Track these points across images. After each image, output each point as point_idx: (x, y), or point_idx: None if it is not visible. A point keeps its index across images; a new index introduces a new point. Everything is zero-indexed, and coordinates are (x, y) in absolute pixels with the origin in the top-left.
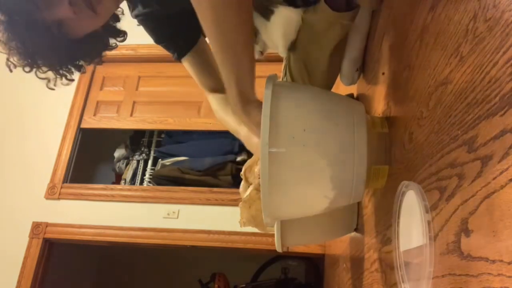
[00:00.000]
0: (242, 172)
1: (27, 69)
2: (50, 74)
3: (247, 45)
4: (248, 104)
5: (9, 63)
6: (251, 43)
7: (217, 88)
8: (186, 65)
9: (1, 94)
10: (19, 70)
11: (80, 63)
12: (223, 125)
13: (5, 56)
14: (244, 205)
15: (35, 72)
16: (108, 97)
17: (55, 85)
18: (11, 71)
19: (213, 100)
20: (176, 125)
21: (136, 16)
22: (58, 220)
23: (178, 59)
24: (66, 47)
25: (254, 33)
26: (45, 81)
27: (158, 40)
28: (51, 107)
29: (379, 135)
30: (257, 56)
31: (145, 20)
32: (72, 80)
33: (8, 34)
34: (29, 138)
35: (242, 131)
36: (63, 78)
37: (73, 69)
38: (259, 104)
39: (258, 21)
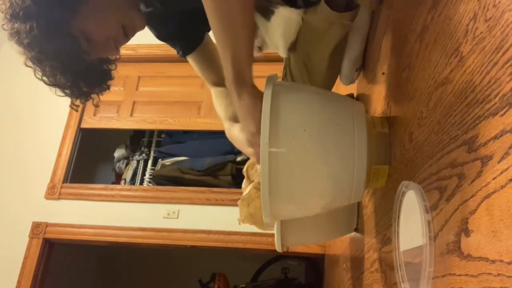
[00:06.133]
0: (244, 169)
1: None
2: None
3: (247, 24)
4: (242, 86)
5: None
6: (251, 23)
7: (220, 82)
8: (191, 61)
9: (1, 94)
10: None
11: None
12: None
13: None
14: (243, 203)
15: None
16: (108, 97)
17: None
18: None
19: (213, 93)
20: (176, 125)
21: None
22: (58, 220)
23: (183, 56)
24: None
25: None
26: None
27: (162, 38)
28: (51, 107)
29: (379, 135)
30: (255, 52)
31: (148, 19)
32: (78, 106)
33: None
34: (29, 138)
35: (225, 124)
36: (75, 99)
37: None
38: (254, 90)
39: (259, 21)
